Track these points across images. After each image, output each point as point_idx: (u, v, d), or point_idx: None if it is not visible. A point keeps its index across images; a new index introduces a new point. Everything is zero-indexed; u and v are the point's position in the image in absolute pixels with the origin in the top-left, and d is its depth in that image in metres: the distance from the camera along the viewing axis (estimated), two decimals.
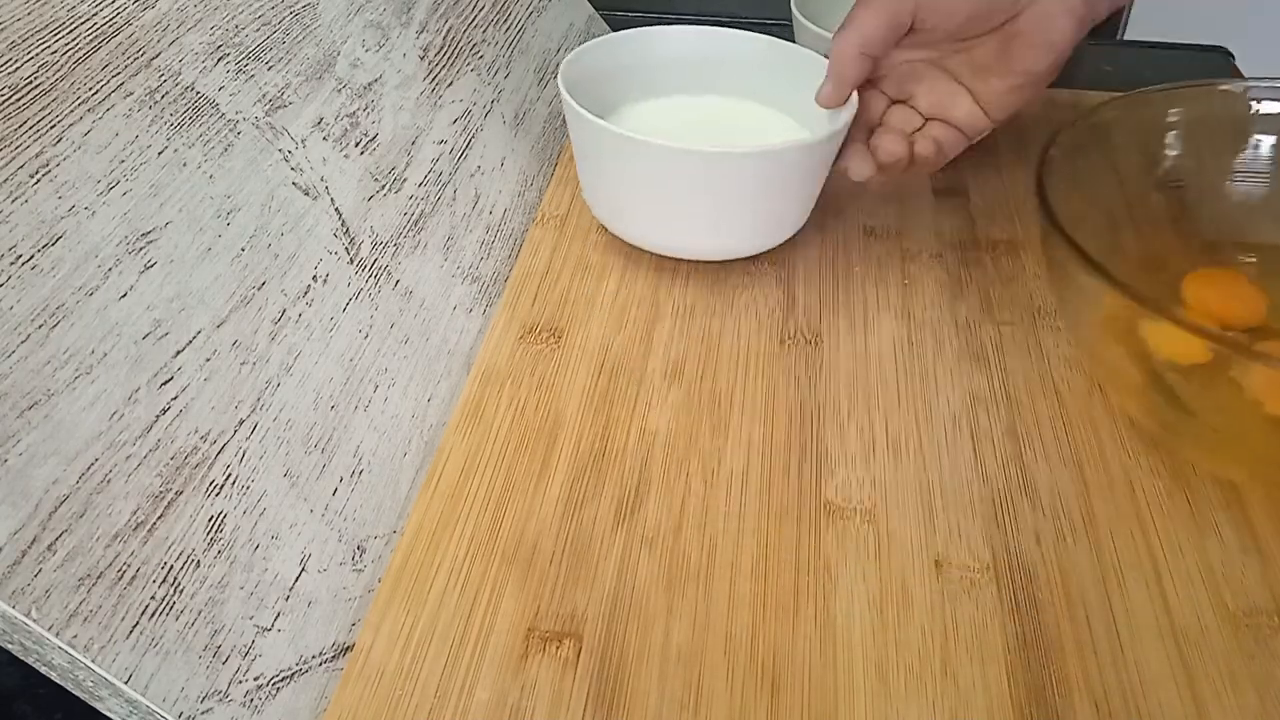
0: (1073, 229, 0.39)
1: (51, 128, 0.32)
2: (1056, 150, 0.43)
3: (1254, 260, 0.49)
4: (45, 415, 0.29)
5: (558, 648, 0.35)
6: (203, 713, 0.30)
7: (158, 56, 0.37)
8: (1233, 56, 0.74)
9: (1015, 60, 0.45)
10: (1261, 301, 0.46)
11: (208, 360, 0.34)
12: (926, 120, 0.48)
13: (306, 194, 0.41)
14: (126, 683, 0.28)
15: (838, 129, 0.46)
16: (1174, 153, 0.50)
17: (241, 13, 0.42)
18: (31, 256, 0.30)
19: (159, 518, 0.31)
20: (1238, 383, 0.38)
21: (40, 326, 0.30)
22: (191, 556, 0.31)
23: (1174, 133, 0.50)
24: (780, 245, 0.52)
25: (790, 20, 0.61)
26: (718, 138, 0.53)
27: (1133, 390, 0.41)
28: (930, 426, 0.43)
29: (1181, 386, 0.40)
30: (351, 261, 0.42)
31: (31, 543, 0.27)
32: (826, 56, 0.48)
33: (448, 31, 0.54)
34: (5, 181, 0.30)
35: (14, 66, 0.32)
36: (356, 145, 0.45)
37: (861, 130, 0.48)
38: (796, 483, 0.41)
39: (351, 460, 0.39)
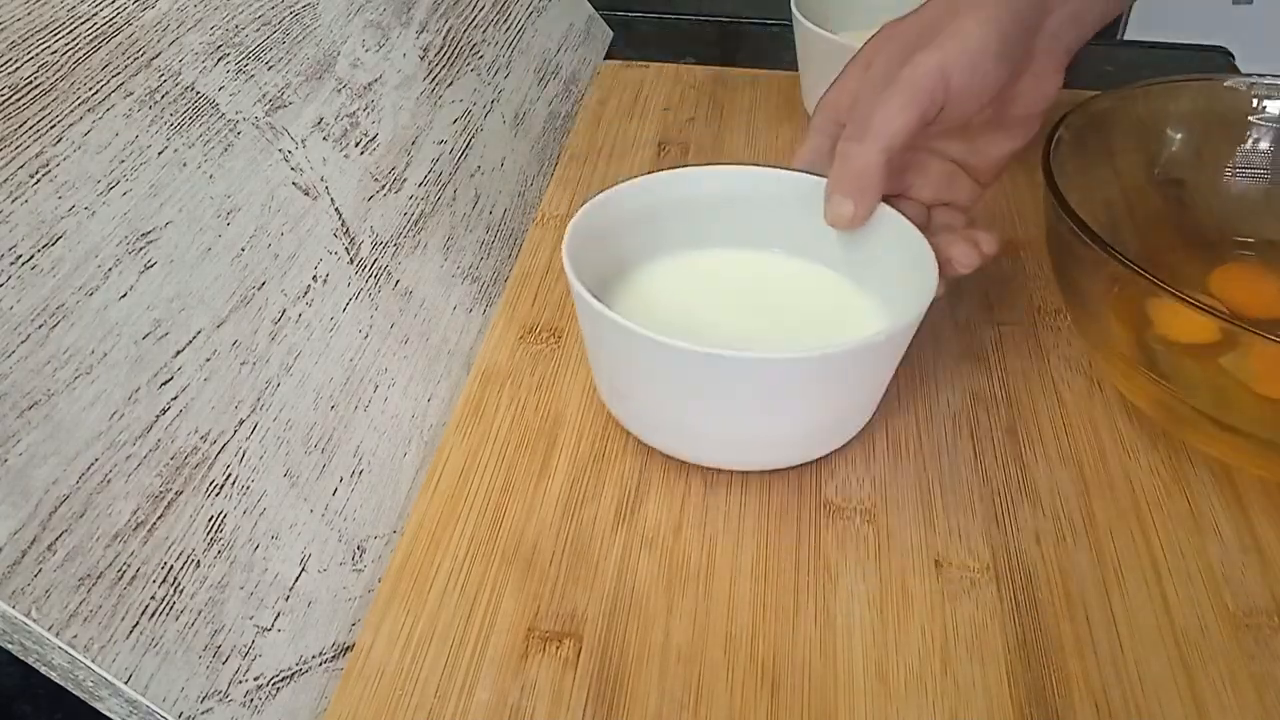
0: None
1: (51, 128, 0.32)
2: (1066, 131, 0.44)
3: (1251, 255, 0.49)
4: (45, 415, 0.29)
5: (558, 648, 0.35)
6: (203, 713, 0.30)
7: (158, 56, 0.37)
8: (1233, 56, 0.74)
9: (1012, 125, 0.42)
10: None
11: (208, 360, 0.34)
12: (930, 209, 0.44)
13: (306, 194, 0.41)
14: (126, 683, 0.28)
15: (920, 310, 0.37)
16: (1173, 148, 0.50)
17: (241, 13, 0.42)
18: (31, 256, 0.30)
19: (159, 518, 0.31)
20: (1229, 367, 0.38)
21: (40, 326, 0.30)
22: (191, 556, 0.31)
23: (1173, 128, 0.50)
24: None
25: (790, 20, 0.61)
26: (761, 309, 0.44)
27: (1132, 372, 0.41)
28: (930, 426, 0.43)
29: (1178, 368, 0.40)
30: (351, 261, 0.42)
31: (31, 543, 0.27)
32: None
33: (448, 31, 0.54)
34: (5, 181, 0.30)
35: (14, 66, 0.32)
36: (356, 145, 0.45)
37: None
38: (796, 482, 0.41)
39: (351, 460, 0.39)
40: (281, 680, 0.33)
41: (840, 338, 0.39)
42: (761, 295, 0.45)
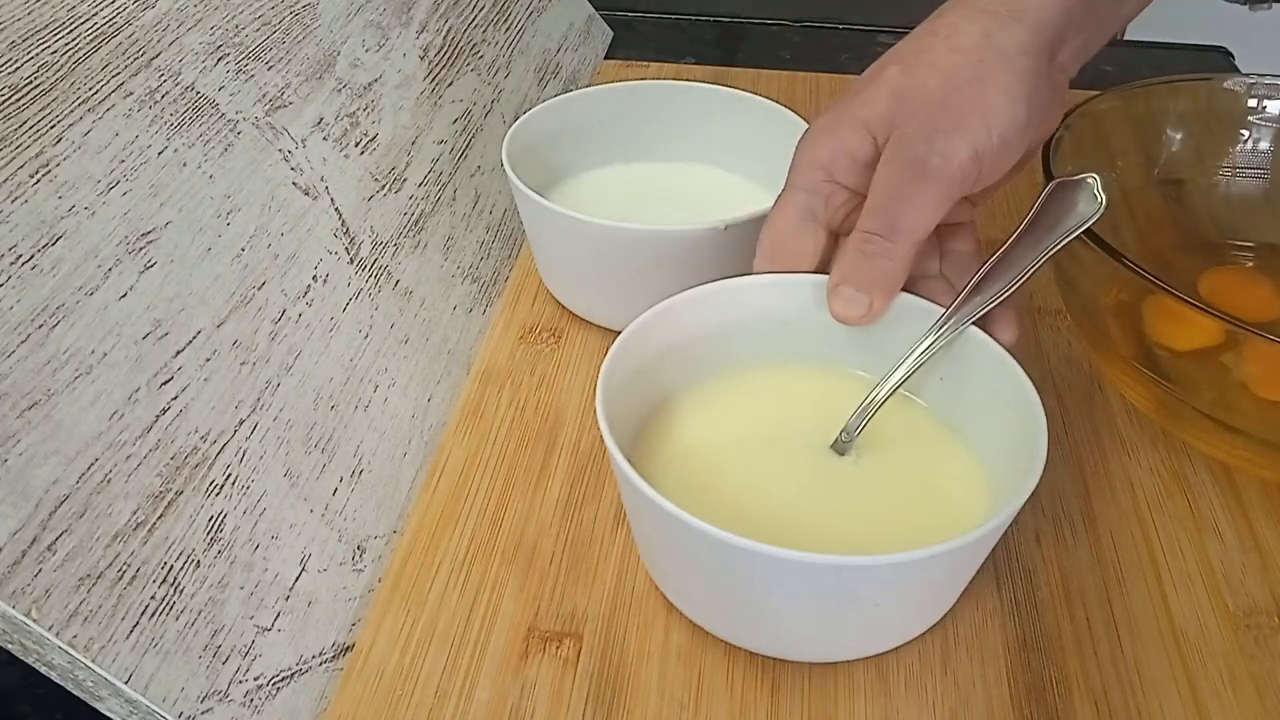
0: None
1: (51, 128, 0.32)
2: (1066, 131, 0.44)
3: (1249, 256, 0.49)
4: (45, 415, 0.29)
5: (558, 648, 0.35)
6: (203, 713, 0.30)
7: (158, 56, 0.37)
8: (1233, 56, 0.74)
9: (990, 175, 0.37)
10: (1275, 299, 0.47)
11: (208, 360, 0.34)
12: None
13: (306, 194, 0.41)
14: (126, 683, 0.28)
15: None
16: (1173, 148, 0.51)
17: (241, 13, 0.42)
18: (31, 256, 0.30)
19: (159, 518, 0.31)
20: (1228, 368, 0.38)
21: (40, 326, 0.30)
22: (191, 556, 0.31)
23: (1173, 128, 0.50)
24: None
25: (790, 20, 0.61)
26: (673, 209, 0.50)
27: (1131, 372, 0.41)
28: None
29: (1178, 369, 0.40)
30: (351, 261, 0.42)
31: (31, 543, 0.27)
32: None
33: (448, 31, 0.54)
34: (5, 181, 0.30)
35: (14, 66, 0.32)
36: (356, 145, 0.45)
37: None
38: None
39: (351, 460, 0.39)
40: (281, 680, 0.33)
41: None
42: (686, 199, 0.51)
